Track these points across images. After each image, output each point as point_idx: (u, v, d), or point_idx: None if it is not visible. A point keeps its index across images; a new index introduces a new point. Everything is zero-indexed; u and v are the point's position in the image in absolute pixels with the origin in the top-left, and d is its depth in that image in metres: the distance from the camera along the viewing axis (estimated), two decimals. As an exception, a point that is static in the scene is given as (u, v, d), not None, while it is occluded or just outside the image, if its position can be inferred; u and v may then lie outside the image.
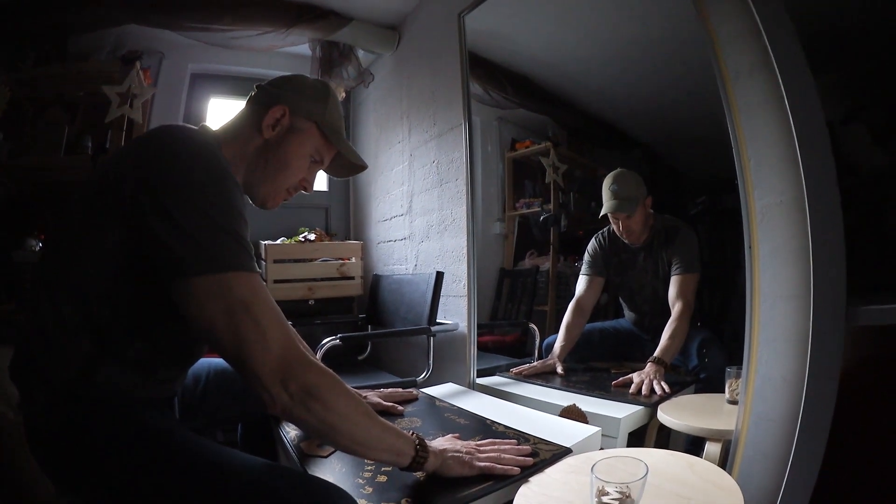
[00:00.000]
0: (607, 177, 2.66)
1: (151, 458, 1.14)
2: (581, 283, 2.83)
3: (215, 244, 1.05)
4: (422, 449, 1.27)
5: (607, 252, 2.80)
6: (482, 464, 1.36)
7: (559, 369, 2.59)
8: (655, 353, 2.36)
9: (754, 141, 1.54)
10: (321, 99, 1.49)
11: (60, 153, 2.96)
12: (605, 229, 2.83)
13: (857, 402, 1.45)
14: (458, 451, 1.37)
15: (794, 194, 1.44)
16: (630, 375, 2.32)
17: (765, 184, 1.53)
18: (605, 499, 1.06)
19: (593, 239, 2.86)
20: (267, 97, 1.44)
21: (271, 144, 1.41)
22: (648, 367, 2.31)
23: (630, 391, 2.24)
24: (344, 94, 3.64)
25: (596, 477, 1.07)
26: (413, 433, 1.29)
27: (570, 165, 3.52)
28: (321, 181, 4.35)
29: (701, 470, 1.31)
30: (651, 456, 1.41)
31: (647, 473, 1.07)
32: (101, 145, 3.03)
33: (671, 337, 2.38)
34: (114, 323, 1.16)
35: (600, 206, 2.63)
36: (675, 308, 2.45)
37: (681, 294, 2.47)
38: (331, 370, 1.16)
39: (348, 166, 1.64)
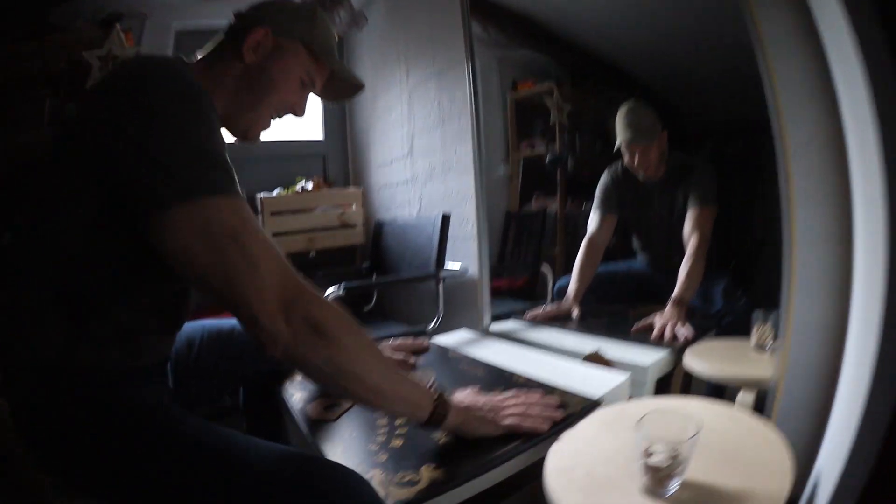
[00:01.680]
0: (621, 109, 2.54)
1: (134, 438, 1.05)
2: (593, 221, 2.71)
3: (190, 168, 0.93)
4: (441, 404, 1.16)
5: (621, 188, 2.66)
6: (507, 422, 1.26)
7: (575, 313, 2.50)
8: (674, 294, 2.24)
9: (786, 71, 1.42)
10: (307, 17, 1.38)
11: (42, 127, 2.84)
12: (617, 163, 2.69)
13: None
14: (480, 409, 1.27)
15: (832, 130, 1.34)
16: (650, 319, 2.21)
17: (799, 117, 1.41)
18: (652, 460, 0.95)
19: (605, 173, 2.72)
20: (246, 21, 1.31)
21: (253, 68, 1.28)
22: (668, 309, 2.20)
23: (652, 336, 2.13)
24: (337, 40, 3.49)
25: (644, 436, 0.96)
26: (432, 385, 1.18)
27: (575, 106, 3.41)
28: (317, 129, 4.25)
29: (742, 422, 1.22)
30: (688, 405, 1.32)
31: (699, 432, 0.96)
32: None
33: (688, 275, 2.26)
34: (90, 294, 1.05)
35: (607, 146, 2.51)
36: (691, 243, 2.32)
37: (696, 227, 2.34)
38: (344, 312, 1.03)
39: (344, 87, 1.53)
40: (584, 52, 3.33)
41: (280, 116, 1.40)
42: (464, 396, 1.34)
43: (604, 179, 2.72)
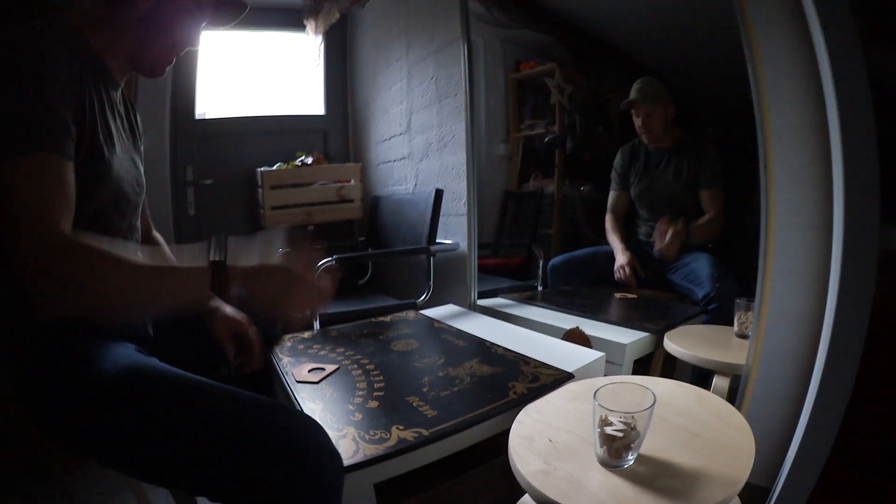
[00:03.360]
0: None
1: (100, 384, 1.09)
2: (611, 198, 2.91)
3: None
4: (219, 270, 1.13)
5: (631, 161, 2.83)
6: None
7: (628, 259, 2.69)
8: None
9: (772, 58, 1.44)
10: None
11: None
12: (632, 142, 2.84)
13: (889, 338, 1.36)
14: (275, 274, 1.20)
15: (815, 115, 1.35)
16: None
17: (782, 103, 1.43)
18: (608, 429, 0.98)
19: (619, 153, 2.89)
20: None
21: (149, 10, 1.32)
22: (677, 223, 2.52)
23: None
24: (338, 16, 3.49)
25: (599, 404, 0.99)
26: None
27: (577, 87, 3.40)
28: (318, 104, 4.26)
29: (710, 404, 1.24)
30: (658, 385, 1.33)
31: (654, 403, 0.98)
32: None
33: (700, 224, 2.54)
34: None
35: (607, 129, 2.58)
36: (708, 214, 2.55)
37: (712, 206, 2.54)
38: (89, 242, 1.02)
39: (230, 12, 1.54)
40: (587, 33, 3.32)
41: (181, 50, 1.42)
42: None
43: (617, 158, 2.88)
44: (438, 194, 2.66)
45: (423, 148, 3.15)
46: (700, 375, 1.85)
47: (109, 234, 1.27)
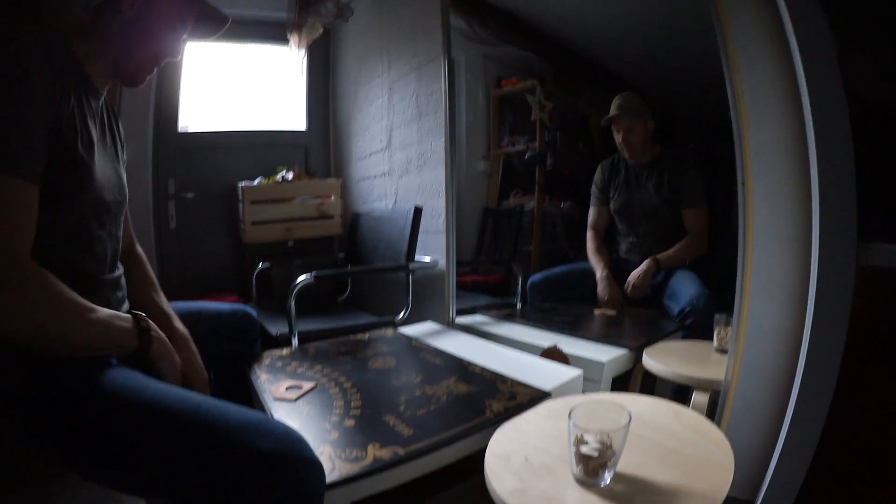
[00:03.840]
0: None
1: (81, 395, 1.11)
2: (592, 214, 2.91)
3: None
4: (145, 337, 1.26)
5: (611, 177, 2.84)
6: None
7: (606, 275, 2.70)
8: (657, 255, 2.53)
9: (750, 74, 1.45)
10: None
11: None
12: (611, 157, 2.85)
13: (867, 354, 1.37)
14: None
15: (794, 130, 1.36)
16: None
17: (761, 119, 1.44)
18: (583, 448, 0.97)
19: (599, 168, 2.89)
20: None
21: (132, 19, 1.35)
22: (646, 262, 2.52)
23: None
24: (322, 30, 3.49)
25: (574, 424, 0.98)
26: (139, 319, 1.26)
27: (557, 104, 3.42)
28: (300, 119, 4.27)
29: (688, 420, 1.24)
30: (635, 403, 1.33)
31: (629, 421, 0.98)
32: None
33: (677, 249, 2.54)
34: None
35: (587, 145, 2.60)
36: (689, 234, 2.56)
37: (694, 224, 2.56)
38: (43, 278, 1.06)
39: (212, 24, 1.59)
40: (568, 50, 3.35)
41: (162, 60, 1.45)
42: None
43: (596, 173, 2.89)
44: (417, 212, 2.66)
45: (404, 165, 3.15)
46: (682, 390, 1.85)
47: (89, 243, 1.29)
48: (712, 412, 1.59)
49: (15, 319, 1.00)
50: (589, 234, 2.88)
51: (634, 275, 2.53)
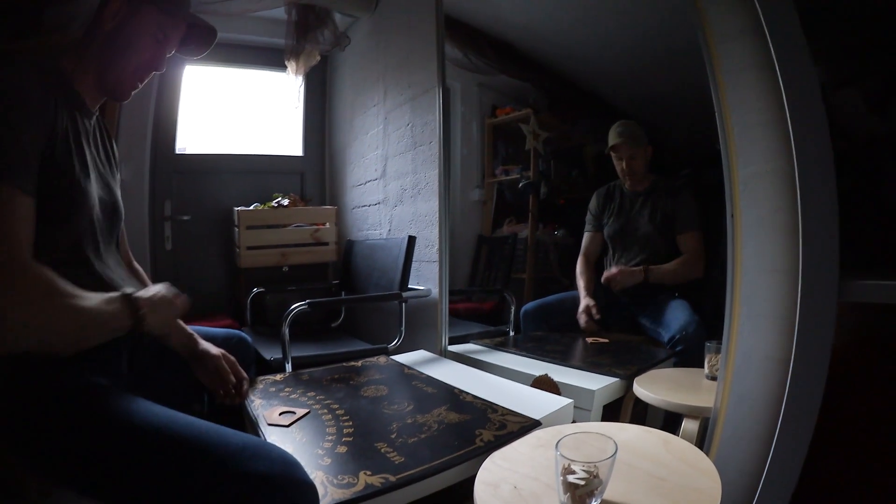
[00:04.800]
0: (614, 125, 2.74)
1: (75, 417, 1.12)
2: (585, 240, 2.95)
3: None
4: (133, 306, 1.22)
5: (605, 203, 2.87)
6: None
7: (593, 308, 2.72)
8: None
9: (740, 106, 1.47)
10: None
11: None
12: (606, 185, 2.89)
13: (849, 386, 1.38)
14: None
15: (782, 163, 1.37)
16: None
17: (749, 151, 1.45)
18: (570, 478, 0.99)
19: (594, 195, 2.93)
20: None
21: (113, 33, 1.36)
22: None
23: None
24: (319, 58, 3.53)
25: (561, 454, 1.00)
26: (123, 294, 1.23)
27: (551, 133, 3.46)
28: (296, 145, 4.30)
29: (676, 449, 1.25)
30: (623, 431, 1.35)
31: (616, 452, 1.00)
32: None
33: (669, 265, 2.59)
34: None
35: (581, 174, 2.63)
36: (683, 256, 2.59)
37: (688, 248, 2.59)
38: (41, 275, 1.07)
39: (201, 40, 1.60)
40: (563, 79, 3.39)
41: (145, 74, 1.45)
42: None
43: (592, 200, 2.93)
44: (411, 241, 2.68)
45: (398, 194, 3.17)
46: (674, 418, 1.85)
47: (86, 263, 1.30)
48: (703, 439, 1.60)
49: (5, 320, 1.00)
50: (580, 260, 2.93)
51: (618, 268, 2.62)
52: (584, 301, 2.72)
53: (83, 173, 1.27)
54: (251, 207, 3.76)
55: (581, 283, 2.82)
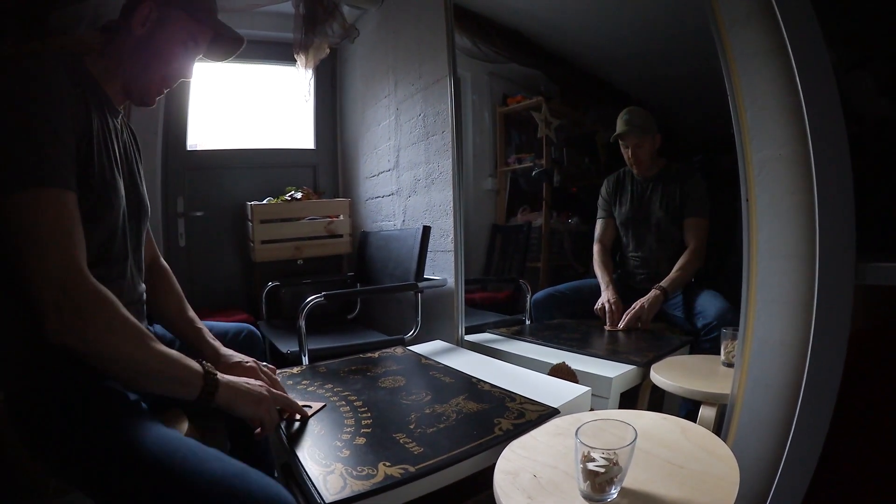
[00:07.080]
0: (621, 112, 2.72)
1: (92, 421, 1.14)
2: (598, 227, 2.94)
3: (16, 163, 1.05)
4: (211, 380, 1.24)
5: (616, 191, 2.86)
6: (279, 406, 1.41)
7: (613, 297, 2.67)
8: (662, 283, 2.50)
9: (752, 91, 1.46)
10: None
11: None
12: (616, 172, 2.88)
13: (868, 369, 1.37)
14: (250, 389, 1.33)
15: (797, 146, 1.36)
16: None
17: (763, 135, 1.44)
18: (590, 465, 0.99)
19: (605, 181, 2.92)
20: (133, 2, 1.39)
21: (143, 39, 1.37)
22: (651, 293, 2.49)
23: (616, 325, 2.57)
24: (328, 51, 3.53)
25: (581, 441, 1.00)
26: (204, 364, 1.24)
27: (563, 120, 3.44)
28: (308, 138, 4.31)
29: (694, 436, 1.24)
30: (641, 419, 1.34)
31: (635, 439, 1.00)
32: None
33: (679, 269, 2.53)
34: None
35: (594, 161, 2.61)
36: (689, 247, 2.57)
37: (694, 236, 2.57)
38: (112, 299, 1.11)
39: (227, 46, 1.60)
40: (573, 67, 3.37)
41: (172, 81, 1.46)
42: (237, 378, 1.38)
43: (602, 187, 2.91)
44: (426, 231, 2.68)
45: (411, 184, 3.17)
46: (692, 404, 1.85)
47: (117, 260, 1.32)
48: (720, 426, 1.59)
49: (94, 343, 1.05)
50: (595, 248, 2.90)
51: (642, 309, 2.50)
52: (606, 294, 2.69)
53: (115, 171, 1.28)
54: (264, 201, 3.77)
55: (600, 274, 2.80)
